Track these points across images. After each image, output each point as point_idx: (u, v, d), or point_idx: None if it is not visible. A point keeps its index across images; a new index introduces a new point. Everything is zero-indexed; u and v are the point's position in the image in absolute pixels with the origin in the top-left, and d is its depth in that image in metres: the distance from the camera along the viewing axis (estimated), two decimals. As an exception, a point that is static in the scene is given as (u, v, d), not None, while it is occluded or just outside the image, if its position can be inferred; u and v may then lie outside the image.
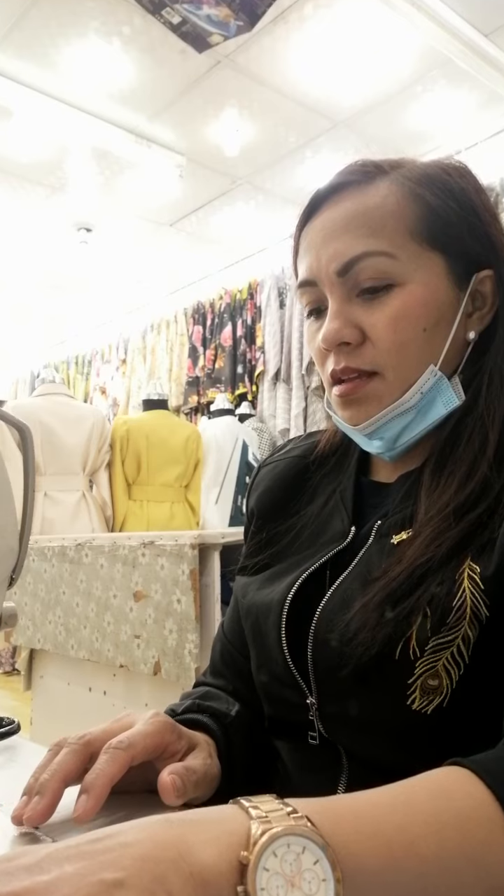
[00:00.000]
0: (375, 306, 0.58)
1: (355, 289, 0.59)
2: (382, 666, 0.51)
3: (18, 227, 4.42)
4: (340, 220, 0.59)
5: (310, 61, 2.89)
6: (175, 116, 3.28)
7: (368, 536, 0.60)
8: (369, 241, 0.57)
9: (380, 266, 0.57)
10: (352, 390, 0.60)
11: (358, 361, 0.59)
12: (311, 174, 3.84)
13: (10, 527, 0.60)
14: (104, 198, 4.05)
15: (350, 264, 0.58)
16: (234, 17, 2.57)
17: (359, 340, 0.59)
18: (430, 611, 0.50)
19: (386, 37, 2.74)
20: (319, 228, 0.61)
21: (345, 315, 0.59)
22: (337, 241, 0.59)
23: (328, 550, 0.62)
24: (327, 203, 0.61)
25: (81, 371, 6.25)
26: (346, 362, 0.59)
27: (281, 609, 0.61)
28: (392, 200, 0.58)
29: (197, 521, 3.39)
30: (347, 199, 0.60)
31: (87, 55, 2.83)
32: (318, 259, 0.60)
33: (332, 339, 0.59)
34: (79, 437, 3.11)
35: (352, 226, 0.58)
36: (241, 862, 0.32)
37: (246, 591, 0.69)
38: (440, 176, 0.61)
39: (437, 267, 0.59)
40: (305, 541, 0.66)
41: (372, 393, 0.59)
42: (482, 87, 3.03)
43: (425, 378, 0.59)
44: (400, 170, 0.61)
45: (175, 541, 1.58)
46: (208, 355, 4.76)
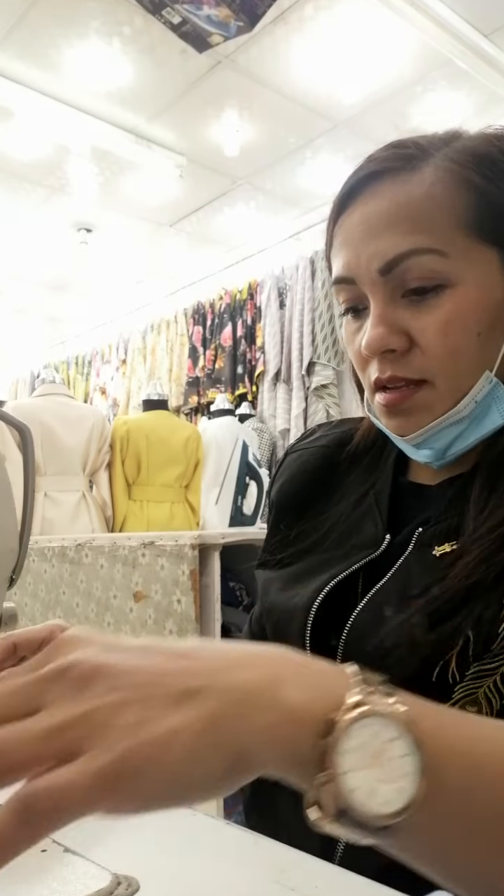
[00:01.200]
0: (424, 309, 0.52)
1: (400, 289, 0.53)
2: (418, 687, 0.46)
3: (18, 227, 4.42)
4: (382, 214, 0.53)
5: (310, 61, 2.89)
6: (175, 116, 3.28)
7: (407, 544, 0.56)
8: (415, 237, 0.51)
9: (428, 265, 0.51)
10: (399, 400, 0.54)
11: (405, 370, 0.53)
12: (311, 174, 3.84)
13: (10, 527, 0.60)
14: (104, 198, 4.05)
15: (394, 263, 0.52)
16: (235, 17, 2.57)
17: (405, 347, 0.53)
18: (473, 635, 0.46)
19: (386, 37, 2.74)
20: (358, 222, 0.54)
21: (389, 319, 0.53)
22: (378, 237, 0.52)
23: (359, 557, 0.57)
24: (365, 193, 0.54)
25: (81, 371, 6.25)
26: (393, 371, 0.54)
27: (306, 616, 0.57)
28: (439, 189, 0.52)
29: (197, 521, 3.39)
30: (388, 189, 0.53)
31: (87, 55, 2.83)
32: (357, 256, 0.54)
33: (377, 347, 0.53)
34: (79, 437, 3.11)
35: (395, 220, 0.52)
36: (331, 719, 0.29)
37: (268, 588, 0.65)
38: (492, 155, 0.53)
39: (492, 263, 0.52)
40: (334, 541, 0.61)
41: (421, 403, 0.54)
42: (482, 87, 3.03)
43: (480, 385, 0.53)
44: (445, 150, 0.54)
45: (175, 541, 1.58)
46: (208, 355, 4.76)
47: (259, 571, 0.68)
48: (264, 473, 3.59)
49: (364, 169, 0.55)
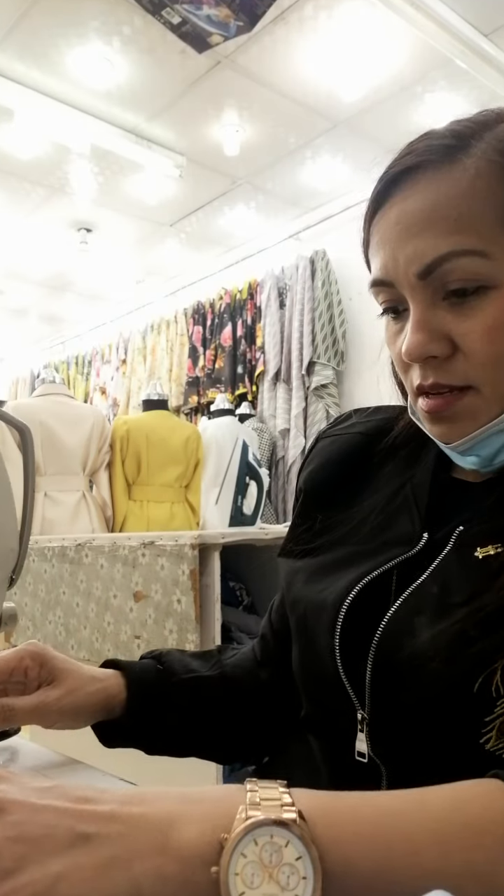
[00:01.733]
0: (467, 313, 0.49)
1: (440, 291, 0.50)
2: (457, 697, 0.46)
3: (18, 227, 4.42)
4: (419, 213, 0.49)
5: (310, 61, 2.89)
6: (175, 116, 3.27)
7: (446, 543, 0.53)
8: (456, 237, 0.48)
9: (470, 267, 0.48)
10: (442, 406, 0.51)
11: (449, 377, 0.51)
12: (311, 174, 3.84)
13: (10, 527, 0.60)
14: (104, 198, 4.05)
15: (433, 266, 0.49)
16: (234, 17, 2.57)
17: (448, 353, 0.50)
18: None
19: (386, 37, 2.74)
20: (394, 221, 0.51)
21: (430, 325, 0.50)
22: (416, 238, 0.49)
23: (394, 554, 0.55)
24: (401, 189, 0.51)
25: (81, 371, 6.25)
26: (435, 378, 0.51)
27: (336, 613, 0.55)
28: (481, 185, 0.48)
29: (197, 521, 3.39)
30: (426, 186, 0.49)
31: (87, 55, 2.83)
32: (394, 258, 0.51)
33: (418, 355, 0.50)
34: (79, 437, 3.11)
35: (433, 219, 0.48)
36: (221, 843, 0.31)
37: (293, 579, 0.63)
38: None
39: None
40: (366, 534, 0.59)
41: (466, 410, 0.51)
42: (482, 87, 3.03)
43: None
44: (489, 137, 0.50)
45: (175, 541, 1.58)
46: (208, 355, 4.75)
47: (282, 560, 0.67)
48: (264, 473, 3.59)
49: (400, 163, 0.52)
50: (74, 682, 0.63)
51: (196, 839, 0.31)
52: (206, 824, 0.32)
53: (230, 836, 0.31)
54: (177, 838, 0.31)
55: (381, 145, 3.52)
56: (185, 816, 0.32)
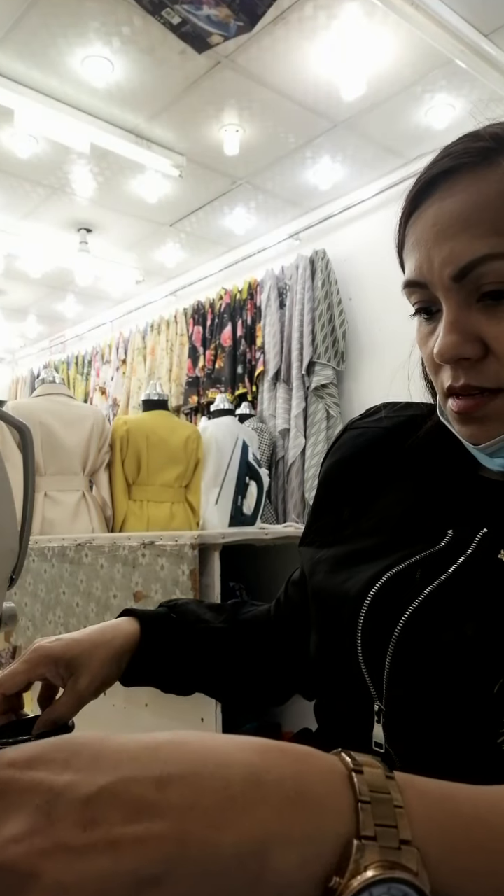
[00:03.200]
0: (500, 316, 0.49)
1: (475, 294, 0.50)
2: (476, 697, 0.46)
3: (18, 227, 4.42)
4: (456, 215, 0.49)
5: (310, 61, 2.88)
6: (175, 116, 3.27)
7: (469, 544, 0.53)
8: (492, 240, 0.48)
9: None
10: (473, 408, 0.52)
11: (480, 379, 0.51)
12: (311, 174, 3.84)
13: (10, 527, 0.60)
14: (104, 198, 4.05)
15: (469, 268, 0.49)
16: (234, 17, 2.57)
17: (480, 355, 0.50)
18: None
19: (386, 37, 2.74)
20: (431, 223, 0.51)
21: (463, 326, 0.50)
22: (452, 239, 0.49)
23: (417, 550, 0.55)
24: (438, 190, 0.51)
25: (81, 371, 6.25)
26: (466, 379, 0.51)
27: (359, 605, 0.55)
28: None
29: (197, 521, 3.39)
30: (463, 188, 0.49)
31: (86, 55, 2.83)
32: (429, 260, 0.51)
33: (450, 356, 0.51)
34: (79, 437, 3.11)
35: (470, 221, 0.48)
36: (329, 888, 0.25)
37: (315, 569, 0.63)
38: None
39: None
40: (391, 528, 0.59)
41: (496, 412, 0.51)
42: (482, 87, 3.03)
43: None
44: None
45: (175, 541, 1.58)
46: (208, 355, 4.75)
47: (304, 549, 0.67)
48: (264, 473, 3.59)
49: (437, 165, 0.52)
50: (89, 656, 0.67)
51: (296, 871, 0.25)
52: (308, 851, 0.25)
53: (344, 890, 0.25)
54: (273, 869, 0.25)
55: (381, 145, 3.52)
56: (282, 837, 0.25)
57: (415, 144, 3.48)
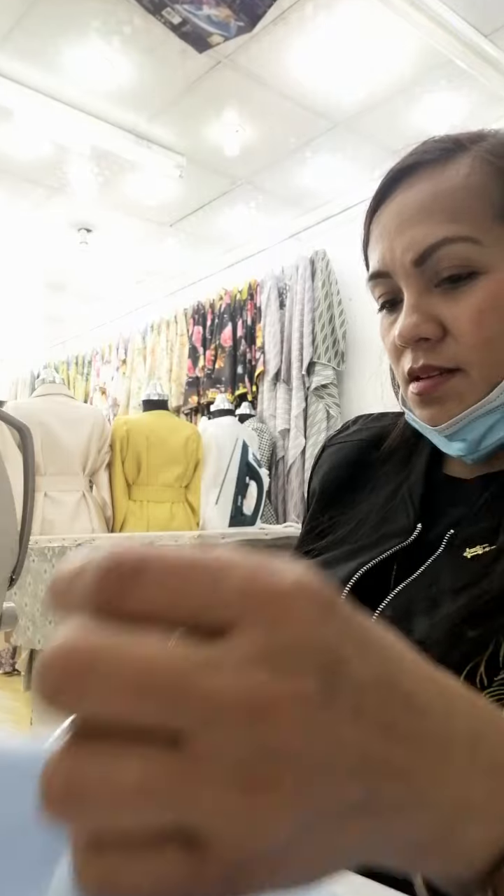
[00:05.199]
0: (457, 297, 0.52)
1: (434, 279, 0.53)
2: None
3: (18, 227, 4.42)
4: (416, 205, 0.53)
5: (310, 61, 2.88)
6: (175, 116, 3.27)
7: (438, 544, 0.55)
8: (450, 226, 0.51)
9: (462, 253, 0.52)
10: (431, 388, 0.54)
11: (439, 358, 0.54)
12: (311, 174, 3.83)
13: (10, 527, 0.60)
14: (104, 198, 4.04)
15: (428, 253, 0.52)
16: (235, 17, 2.57)
17: (439, 335, 0.53)
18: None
19: (386, 37, 2.74)
20: (394, 214, 0.55)
21: (423, 308, 0.53)
22: (413, 228, 0.53)
23: (390, 545, 0.57)
24: (401, 186, 0.55)
25: (81, 371, 6.25)
26: (426, 360, 0.54)
27: None
28: (475, 180, 0.52)
29: (197, 521, 3.39)
30: (424, 181, 0.54)
31: (87, 55, 2.83)
32: (391, 249, 0.54)
33: (410, 336, 0.53)
34: (79, 437, 3.11)
35: (429, 210, 0.52)
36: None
37: None
38: None
39: None
40: (366, 532, 0.61)
41: (453, 391, 0.54)
42: (482, 87, 3.03)
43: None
44: (481, 143, 0.54)
45: (175, 541, 1.58)
46: (208, 356, 4.75)
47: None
48: (264, 473, 3.59)
49: (401, 162, 0.56)
50: None
51: (481, 846, 0.22)
52: (498, 828, 0.23)
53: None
54: (461, 835, 0.22)
55: (381, 145, 3.52)
56: (481, 804, 0.22)
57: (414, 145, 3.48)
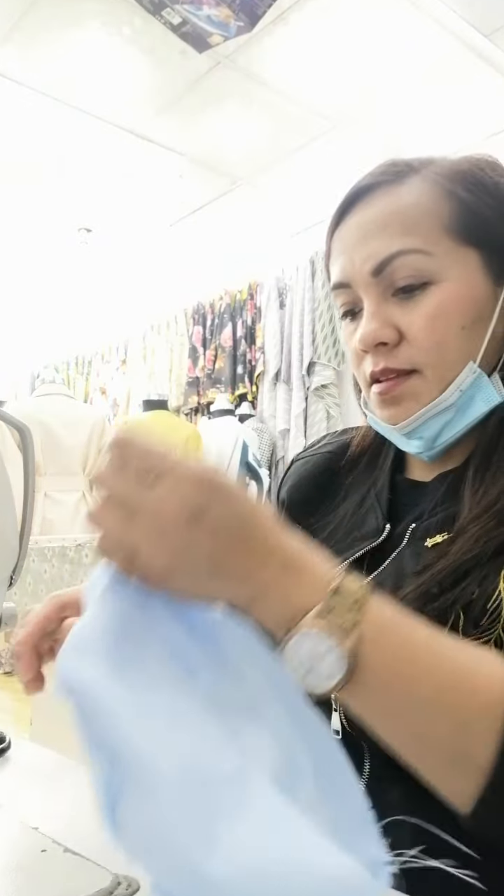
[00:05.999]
0: (412, 305, 0.58)
1: (391, 288, 0.59)
2: None
3: (18, 227, 4.42)
4: (373, 220, 0.59)
5: (310, 61, 2.88)
6: (175, 116, 3.27)
7: (403, 538, 0.60)
8: (404, 239, 0.57)
9: (415, 264, 0.57)
10: (391, 388, 0.60)
11: (396, 361, 0.59)
12: (312, 174, 3.83)
13: (10, 527, 0.60)
14: (104, 198, 4.05)
15: (384, 263, 0.58)
16: (235, 17, 2.57)
17: (396, 340, 0.59)
18: (463, 612, 0.50)
19: (386, 37, 2.74)
20: (353, 229, 0.60)
21: (381, 315, 0.59)
22: (371, 241, 0.58)
23: (362, 546, 0.62)
24: (359, 204, 0.61)
25: (81, 371, 6.25)
26: (385, 363, 0.59)
27: None
28: (425, 198, 0.58)
29: (197, 521, 3.39)
30: (380, 199, 0.59)
31: (87, 55, 2.83)
32: (351, 261, 0.60)
33: (370, 341, 0.59)
34: (79, 437, 3.11)
35: (385, 225, 0.58)
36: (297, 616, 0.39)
37: None
38: (472, 171, 0.60)
39: (474, 263, 0.58)
40: (340, 538, 0.66)
41: (410, 391, 0.59)
42: (482, 87, 3.03)
43: (464, 375, 0.58)
44: (431, 167, 0.60)
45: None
46: (208, 356, 4.75)
47: None
48: (264, 473, 3.59)
49: (359, 183, 0.62)
50: None
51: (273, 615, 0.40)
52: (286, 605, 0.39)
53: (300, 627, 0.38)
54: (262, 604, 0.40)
55: (381, 145, 3.52)
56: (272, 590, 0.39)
57: (415, 145, 3.48)
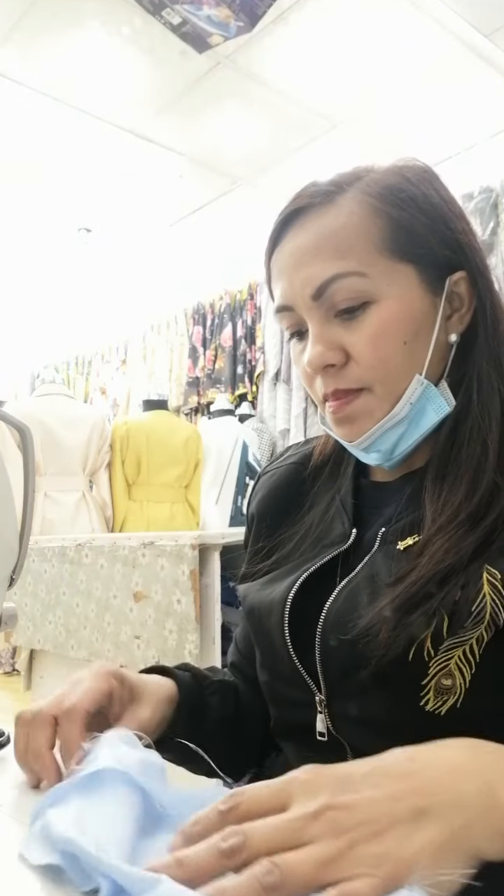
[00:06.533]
0: (354, 326, 0.59)
1: (332, 310, 0.59)
2: (396, 667, 0.52)
3: (19, 227, 4.42)
4: (307, 245, 0.59)
5: (310, 61, 2.88)
6: (175, 116, 3.27)
7: (373, 542, 0.61)
8: (339, 262, 0.58)
9: (353, 286, 0.58)
10: (342, 407, 0.60)
11: (345, 382, 0.60)
12: (311, 174, 3.82)
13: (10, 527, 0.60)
14: (104, 198, 4.05)
15: (323, 288, 0.58)
16: (235, 17, 2.57)
17: (342, 361, 0.59)
18: (447, 615, 0.51)
19: (386, 37, 2.74)
20: (288, 254, 0.61)
21: (325, 337, 0.59)
22: (307, 266, 0.59)
23: (330, 552, 0.62)
24: (292, 228, 0.61)
25: (81, 371, 6.25)
26: (335, 384, 0.60)
27: (283, 607, 0.61)
28: (355, 219, 0.58)
29: (197, 521, 3.39)
30: (311, 223, 0.60)
31: (87, 55, 2.83)
32: (291, 285, 0.61)
33: (317, 364, 0.59)
34: (79, 437, 3.11)
35: (319, 249, 0.59)
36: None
37: (247, 593, 0.69)
38: (401, 185, 0.60)
39: (410, 278, 0.59)
40: (308, 546, 0.66)
41: (362, 409, 0.60)
42: (482, 87, 3.03)
43: (413, 388, 0.59)
44: (359, 184, 0.60)
45: (175, 541, 1.58)
46: (208, 356, 4.75)
47: (240, 587, 0.72)
48: (264, 473, 3.59)
49: (290, 207, 0.62)
50: (151, 687, 0.63)
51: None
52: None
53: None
54: (501, 797, 0.36)
55: (381, 145, 3.52)
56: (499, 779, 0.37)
57: (414, 144, 3.48)
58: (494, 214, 3.46)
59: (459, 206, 0.63)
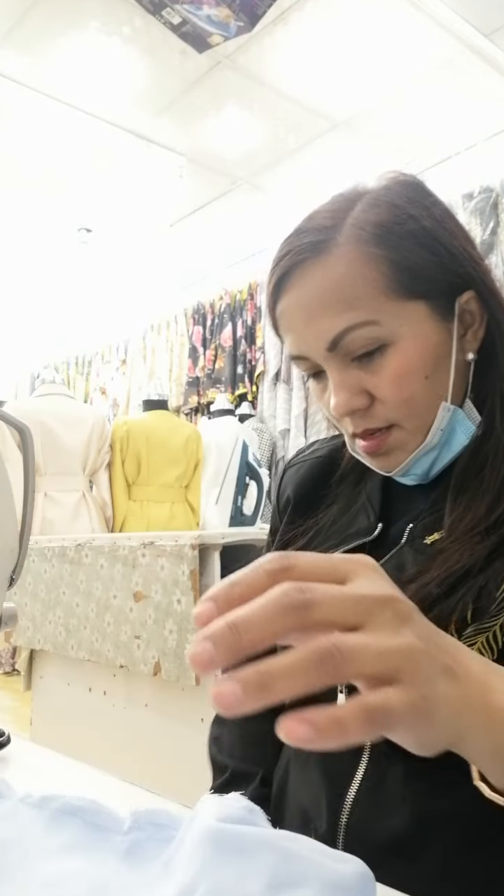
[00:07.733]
0: (374, 369, 0.59)
1: (349, 356, 0.60)
2: None
3: (18, 227, 4.42)
4: (312, 299, 0.59)
5: (310, 61, 2.89)
6: (175, 116, 3.27)
7: (400, 537, 0.62)
8: (348, 314, 0.58)
9: (367, 334, 0.58)
10: (377, 446, 0.62)
11: (374, 421, 0.61)
12: (312, 174, 3.83)
13: (10, 527, 0.60)
14: (104, 198, 4.05)
15: (337, 340, 0.59)
16: (235, 17, 2.57)
17: (367, 403, 0.60)
18: (472, 605, 0.52)
19: (386, 37, 2.74)
20: (295, 308, 0.61)
21: (347, 384, 0.60)
22: (316, 320, 0.59)
23: (355, 541, 0.64)
24: (293, 279, 0.60)
25: (81, 371, 6.25)
26: (364, 424, 0.61)
27: None
28: (356, 267, 0.58)
29: (197, 521, 3.39)
30: (311, 277, 0.59)
31: (87, 55, 2.83)
32: (303, 338, 0.61)
33: (344, 411, 0.61)
34: (79, 437, 3.11)
35: (325, 303, 0.58)
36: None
37: None
38: (394, 219, 0.58)
39: (420, 313, 0.59)
40: (331, 535, 0.68)
41: (396, 443, 0.62)
42: (482, 87, 3.03)
43: (441, 416, 0.61)
44: (350, 227, 0.58)
45: (175, 541, 1.58)
46: (208, 356, 4.76)
47: None
48: (264, 473, 3.59)
49: (283, 264, 0.61)
50: None
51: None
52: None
53: None
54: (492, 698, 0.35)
55: (381, 145, 3.52)
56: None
57: (414, 144, 3.48)
58: (494, 214, 3.46)
59: (453, 219, 0.62)
